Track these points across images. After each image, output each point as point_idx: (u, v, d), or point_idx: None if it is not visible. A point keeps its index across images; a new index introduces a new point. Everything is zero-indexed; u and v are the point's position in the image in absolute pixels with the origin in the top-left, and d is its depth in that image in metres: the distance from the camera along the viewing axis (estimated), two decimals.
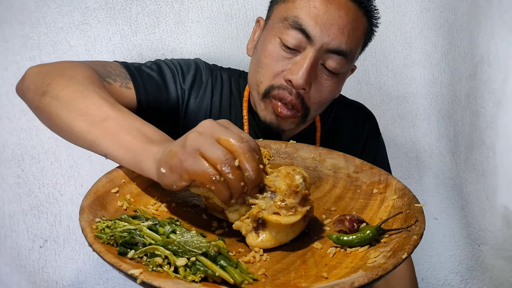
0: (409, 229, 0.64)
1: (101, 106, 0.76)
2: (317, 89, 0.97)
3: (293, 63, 0.95)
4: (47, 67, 0.86)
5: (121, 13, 1.49)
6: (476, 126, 1.77)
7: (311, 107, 1.00)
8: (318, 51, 0.93)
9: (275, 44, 0.96)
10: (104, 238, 0.58)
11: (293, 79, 0.93)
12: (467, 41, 1.69)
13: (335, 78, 0.98)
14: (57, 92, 0.79)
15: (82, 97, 0.77)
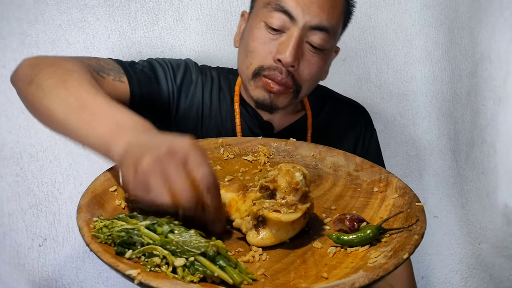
0: (410, 228, 0.64)
1: (80, 94, 0.78)
2: (306, 66, 1.02)
3: (280, 43, 0.99)
4: (40, 59, 0.90)
5: (120, 10, 1.49)
6: (477, 124, 1.76)
7: (302, 84, 1.04)
8: (301, 29, 0.98)
9: (260, 28, 1.01)
10: (101, 237, 0.58)
11: (281, 58, 0.98)
12: (468, 39, 1.69)
13: (321, 54, 1.03)
14: (42, 82, 0.82)
15: (64, 87, 0.80)
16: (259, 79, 1.02)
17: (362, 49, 1.65)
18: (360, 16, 1.62)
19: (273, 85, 1.00)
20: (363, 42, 1.65)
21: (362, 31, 1.64)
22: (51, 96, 0.79)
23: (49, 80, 0.82)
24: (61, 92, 0.79)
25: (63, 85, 0.80)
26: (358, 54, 1.65)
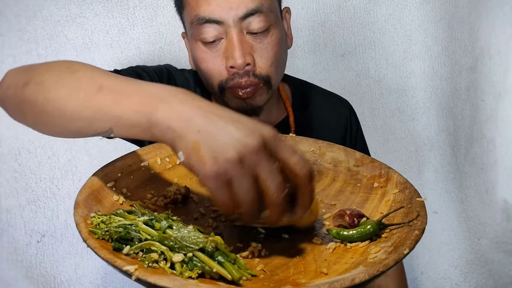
0: (410, 223, 0.63)
1: (92, 76, 0.66)
2: (261, 55, 0.97)
3: (224, 51, 0.96)
4: (26, 66, 0.80)
5: (119, 6, 1.49)
6: (476, 119, 1.76)
7: (268, 73, 0.99)
8: (235, 27, 0.94)
9: (200, 47, 0.98)
10: (99, 233, 0.57)
11: (233, 63, 0.94)
12: (467, 34, 1.69)
13: (267, 34, 0.97)
14: (40, 77, 0.71)
15: (69, 72, 0.69)
16: (227, 92, 0.99)
17: (361, 45, 1.65)
18: (359, 11, 1.62)
19: (241, 92, 0.97)
20: (362, 38, 1.65)
21: (361, 27, 1.64)
22: (57, 87, 0.67)
23: (47, 73, 0.71)
24: (68, 80, 0.68)
25: (68, 72, 0.69)
26: (357, 50, 1.65)
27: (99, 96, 0.62)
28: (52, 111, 0.67)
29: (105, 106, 0.62)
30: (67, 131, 0.69)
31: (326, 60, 1.64)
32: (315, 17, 1.62)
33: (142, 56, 1.52)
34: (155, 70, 1.09)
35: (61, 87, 0.67)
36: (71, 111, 0.64)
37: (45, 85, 0.69)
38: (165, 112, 0.56)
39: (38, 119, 0.71)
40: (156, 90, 0.60)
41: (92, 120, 0.63)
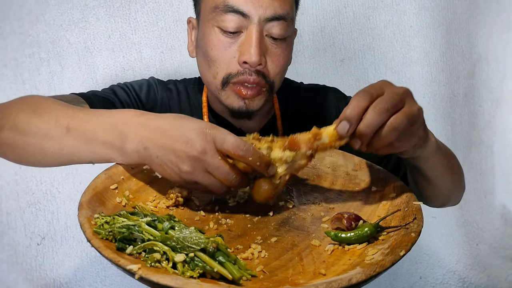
0: (407, 226, 0.65)
1: (57, 118, 0.76)
2: (273, 60, 0.97)
3: (241, 45, 0.95)
4: None
5: (120, 10, 1.49)
6: (474, 125, 1.77)
7: (274, 79, 0.99)
8: (258, 25, 0.93)
9: (216, 34, 0.96)
10: (102, 233, 0.58)
11: (246, 59, 0.93)
12: (465, 40, 1.70)
13: (284, 43, 0.98)
14: (12, 121, 0.79)
15: (37, 116, 0.78)
16: (229, 87, 0.97)
17: (361, 50, 1.66)
18: (358, 17, 1.63)
19: (245, 91, 0.96)
20: (361, 43, 1.65)
21: (361, 32, 1.64)
22: (31, 130, 0.77)
23: (17, 117, 0.79)
24: (38, 123, 0.77)
25: (36, 115, 0.78)
26: (356, 55, 1.66)
27: (70, 137, 0.75)
28: (34, 152, 0.77)
29: (77, 149, 0.74)
30: (52, 164, 0.79)
31: (325, 65, 1.64)
32: (315, 23, 1.63)
33: (143, 61, 1.53)
34: (134, 86, 1.09)
35: (35, 130, 0.77)
36: (51, 152, 0.75)
37: (20, 130, 0.78)
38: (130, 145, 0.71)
39: (22, 158, 0.81)
40: (115, 121, 0.74)
41: (72, 156, 0.75)
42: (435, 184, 0.90)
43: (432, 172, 0.88)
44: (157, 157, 0.70)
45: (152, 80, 1.14)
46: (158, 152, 0.70)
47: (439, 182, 0.90)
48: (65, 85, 1.49)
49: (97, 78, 1.51)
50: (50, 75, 1.48)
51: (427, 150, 0.81)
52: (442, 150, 0.88)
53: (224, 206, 0.78)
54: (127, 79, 1.52)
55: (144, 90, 1.09)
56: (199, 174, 0.70)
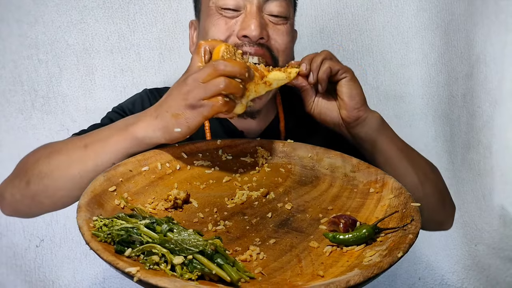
0: (405, 228, 0.65)
1: (74, 144, 0.86)
2: (276, 34, 0.98)
3: (241, 21, 0.96)
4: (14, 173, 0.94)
5: (119, 12, 1.50)
6: (473, 126, 1.77)
7: (279, 55, 1.00)
8: (257, 2, 0.96)
9: (214, 15, 0.98)
10: (101, 236, 0.59)
11: (247, 33, 0.94)
12: (463, 41, 1.70)
13: (286, 23, 1.00)
14: (34, 171, 0.87)
15: (55, 154, 0.87)
16: None
17: (359, 51, 1.66)
18: (357, 19, 1.64)
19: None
20: (360, 45, 1.66)
21: (359, 34, 1.65)
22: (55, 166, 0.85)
23: (39, 164, 0.87)
24: (59, 157, 0.86)
25: (57, 154, 0.87)
26: (355, 56, 1.66)
27: (89, 151, 0.84)
28: (64, 183, 0.84)
29: (99, 157, 0.82)
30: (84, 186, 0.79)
31: None
32: (314, 24, 1.63)
33: (142, 62, 1.53)
34: (128, 105, 1.12)
35: (58, 163, 0.85)
36: (78, 173, 0.83)
37: (44, 172, 0.85)
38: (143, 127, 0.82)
39: (56, 197, 0.87)
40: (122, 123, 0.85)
41: (96, 167, 0.82)
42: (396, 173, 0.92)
43: (388, 151, 0.96)
44: (167, 112, 0.80)
45: (144, 93, 1.15)
46: (165, 107, 0.80)
47: (399, 169, 0.96)
48: (63, 87, 1.50)
49: (95, 80, 1.52)
50: (48, 76, 1.49)
51: (371, 116, 0.97)
52: (397, 136, 1.02)
53: (222, 208, 0.78)
54: (125, 80, 1.53)
55: (138, 106, 1.11)
56: (199, 87, 0.77)
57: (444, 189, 1.09)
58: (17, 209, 0.94)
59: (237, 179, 0.87)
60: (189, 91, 0.78)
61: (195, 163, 0.88)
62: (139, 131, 0.82)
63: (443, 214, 1.09)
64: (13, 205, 0.92)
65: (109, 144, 0.83)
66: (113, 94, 1.52)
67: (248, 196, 0.81)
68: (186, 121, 0.79)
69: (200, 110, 0.78)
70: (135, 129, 0.82)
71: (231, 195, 0.81)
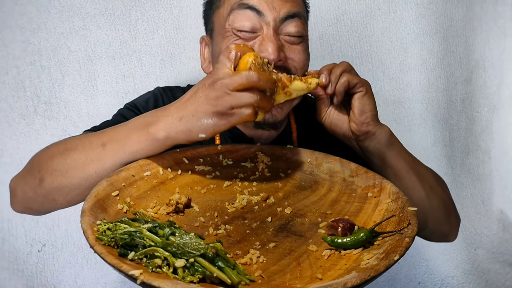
0: (401, 232, 0.66)
1: (91, 142, 0.84)
2: (293, 56, 0.99)
3: (258, 44, 0.96)
4: (24, 170, 0.92)
5: (121, 18, 1.51)
6: (472, 130, 1.78)
7: (299, 71, 1.00)
8: (274, 24, 0.96)
9: (232, 36, 0.98)
10: (105, 240, 0.60)
11: (265, 56, 0.93)
12: (462, 47, 1.71)
13: (302, 41, 1.01)
14: (49, 168, 0.85)
15: (70, 151, 0.85)
16: None
17: (358, 57, 1.67)
18: (356, 25, 1.65)
19: None
20: (359, 50, 1.67)
21: (358, 40, 1.66)
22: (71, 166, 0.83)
23: (52, 163, 0.85)
24: (75, 154, 0.84)
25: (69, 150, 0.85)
26: (354, 62, 1.66)
27: (107, 150, 0.82)
28: (80, 181, 0.83)
29: (118, 156, 0.81)
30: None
31: None
32: (313, 30, 1.64)
33: (143, 68, 1.54)
34: (141, 103, 1.12)
35: (74, 162, 0.83)
36: (95, 171, 0.82)
37: (59, 170, 0.84)
38: (165, 129, 0.80)
39: (71, 195, 0.86)
40: (141, 121, 0.83)
41: (115, 166, 0.81)
42: (404, 185, 0.93)
43: (396, 165, 0.97)
44: (193, 116, 0.78)
45: (157, 91, 1.15)
46: (190, 110, 0.78)
47: (407, 182, 0.96)
48: (66, 93, 1.51)
49: (97, 86, 1.53)
50: (51, 82, 1.50)
51: (381, 131, 0.97)
52: (405, 150, 1.01)
53: (223, 213, 0.79)
54: (127, 86, 1.54)
55: (151, 104, 1.11)
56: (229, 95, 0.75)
57: (450, 202, 1.10)
58: (29, 206, 0.92)
59: (238, 184, 0.89)
60: (219, 97, 0.76)
61: (196, 168, 0.89)
62: (160, 132, 0.81)
63: (448, 226, 1.10)
64: (24, 202, 0.91)
65: (128, 144, 0.82)
66: (115, 99, 1.53)
67: (248, 200, 0.83)
68: (213, 127, 0.78)
69: (228, 118, 0.77)
70: (155, 130, 0.81)
71: (231, 199, 0.83)
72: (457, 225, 1.13)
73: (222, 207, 0.81)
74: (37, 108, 1.50)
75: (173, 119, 0.80)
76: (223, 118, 0.77)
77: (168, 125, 0.80)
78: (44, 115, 1.51)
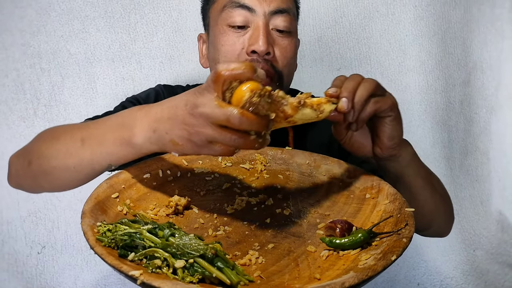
0: (399, 232, 0.66)
1: (72, 135, 0.83)
2: (280, 50, 1.04)
3: (249, 38, 1.02)
4: (22, 149, 0.94)
5: (120, 21, 1.52)
6: (470, 132, 1.78)
7: (282, 70, 1.05)
8: (264, 18, 1.01)
9: (225, 32, 1.04)
10: (105, 241, 0.60)
11: (255, 48, 0.99)
12: (460, 49, 1.72)
13: (289, 36, 1.06)
14: (37, 153, 0.87)
15: (55, 140, 0.86)
16: None
17: (357, 59, 1.68)
18: (354, 27, 1.65)
19: None
20: (357, 52, 1.68)
21: (357, 42, 1.67)
22: (54, 154, 0.84)
23: (42, 146, 0.87)
24: (58, 145, 0.84)
25: (54, 140, 0.86)
26: (352, 64, 1.68)
27: (85, 147, 0.80)
28: (61, 172, 0.83)
29: (95, 155, 0.79)
30: (80, 179, 0.84)
31: (322, 74, 1.67)
32: (312, 33, 1.65)
33: (143, 71, 1.55)
34: (142, 97, 1.14)
35: (56, 153, 0.84)
36: (73, 166, 0.81)
37: (44, 156, 0.85)
38: (140, 135, 0.74)
39: (54, 183, 0.87)
40: (121, 120, 0.79)
41: (92, 165, 0.80)
42: (416, 199, 0.91)
43: (412, 182, 0.91)
44: (166, 133, 0.71)
45: (159, 88, 1.19)
46: (165, 127, 0.71)
47: (420, 197, 0.93)
48: (65, 95, 1.52)
49: (97, 88, 1.53)
50: (50, 85, 1.50)
51: (405, 153, 0.89)
52: (423, 165, 0.96)
53: (222, 214, 0.80)
54: (126, 89, 1.55)
55: (152, 99, 1.14)
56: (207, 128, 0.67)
57: (451, 204, 1.08)
58: (20, 184, 0.95)
59: (237, 185, 0.89)
60: (195, 126, 0.68)
61: (195, 170, 0.90)
62: (137, 138, 0.75)
63: (448, 226, 1.10)
64: (16, 179, 0.94)
65: (105, 145, 0.78)
66: (114, 102, 1.53)
67: (247, 202, 0.83)
68: (184, 151, 0.72)
69: (202, 149, 0.70)
70: (132, 134, 0.75)
71: (230, 201, 0.83)
72: (452, 223, 1.12)
73: (221, 208, 0.81)
74: (37, 110, 1.51)
75: (148, 128, 0.74)
76: (195, 146, 0.70)
77: (144, 132, 0.74)
78: (44, 117, 1.51)
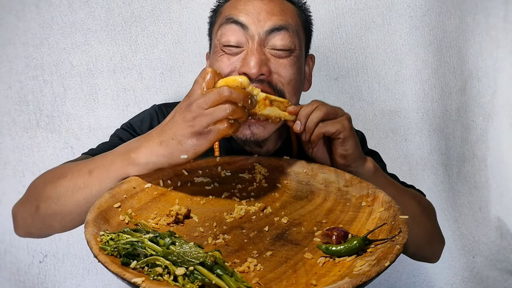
0: (393, 239, 0.68)
1: (79, 170, 0.87)
2: (278, 69, 0.98)
3: (242, 59, 0.97)
4: (25, 195, 0.96)
5: (122, 34, 1.54)
6: (467, 139, 1.80)
7: (284, 88, 1.00)
8: (259, 38, 0.96)
9: (219, 51, 1.00)
10: (108, 249, 0.62)
11: (245, 70, 0.95)
12: (456, 57, 1.73)
13: (289, 55, 1.00)
14: (43, 196, 0.89)
15: (61, 179, 0.88)
16: None
17: (354, 69, 1.70)
18: (351, 37, 1.67)
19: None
20: (355, 62, 1.69)
21: (354, 51, 1.69)
22: (62, 193, 0.86)
23: (46, 190, 0.88)
24: (65, 182, 0.87)
25: (60, 178, 0.88)
26: (350, 73, 1.70)
27: (94, 177, 0.85)
28: (71, 208, 0.86)
29: (103, 182, 0.84)
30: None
31: (320, 84, 1.69)
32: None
33: (144, 82, 1.57)
34: (136, 122, 1.14)
35: (64, 190, 0.86)
36: (83, 198, 0.85)
37: (52, 197, 0.87)
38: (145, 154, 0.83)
39: (65, 221, 0.89)
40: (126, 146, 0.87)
41: (100, 192, 0.82)
42: None
43: None
44: (172, 139, 0.81)
45: (153, 110, 1.18)
46: (170, 134, 0.81)
47: None
48: (68, 106, 1.53)
49: (99, 99, 1.55)
50: (53, 96, 1.52)
51: (362, 170, 0.96)
52: (389, 181, 1.00)
53: (221, 222, 0.81)
54: (128, 100, 1.57)
55: (146, 124, 1.13)
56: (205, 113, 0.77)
57: (433, 228, 1.10)
58: (29, 231, 0.96)
59: (236, 194, 0.91)
60: (195, 118, 0.78)
61: (195, 180, 0.92)
62: (141, 157, 0.83)
63: (430, 251, 1.12)
64: (25, 228, 0.95)
65: (112, 169, 0.84)
66: (115, 113, 1.56)
67: (246, 210, 0.85)
68: (194, 148, 0.80)
69: (207, 136, 0.79)
70: (137, 155, 0.83)
71: (230, 210, 0.85)
72: (440, 249, 1.14)
73: (221, 217, 0.83)
74: (40, 121, 1.53)
75: (154, 143, 0.82)
76: (201, 137, 0.79)
77: (149, 150, 0.83)
78: (46, 128, 1.53)
